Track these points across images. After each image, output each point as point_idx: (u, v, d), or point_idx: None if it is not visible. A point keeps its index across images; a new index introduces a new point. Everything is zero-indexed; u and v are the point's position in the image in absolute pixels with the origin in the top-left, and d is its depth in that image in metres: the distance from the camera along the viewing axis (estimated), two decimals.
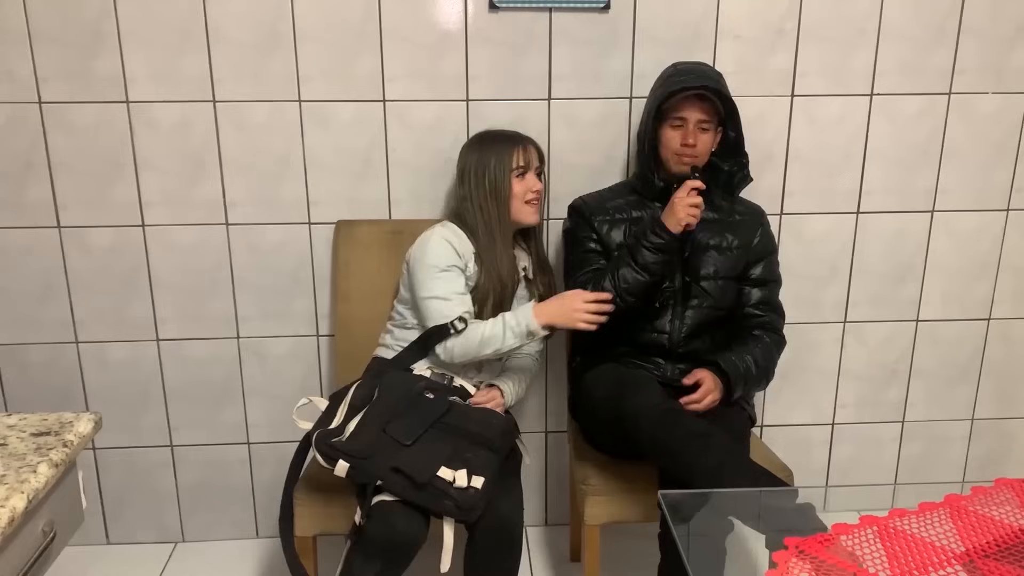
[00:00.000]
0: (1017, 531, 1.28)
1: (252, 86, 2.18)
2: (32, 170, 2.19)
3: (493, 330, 1.89)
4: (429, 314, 1.95)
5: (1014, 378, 2.57)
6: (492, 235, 2.01)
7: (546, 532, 2.54)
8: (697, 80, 1.96)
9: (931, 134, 2.34)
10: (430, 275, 1.95)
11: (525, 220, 2.04)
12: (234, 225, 2.27)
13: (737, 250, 2.07)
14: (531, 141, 2.06)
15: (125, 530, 2.48)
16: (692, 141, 1.97)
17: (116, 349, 2.33)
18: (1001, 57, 2.29)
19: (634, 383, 1.89)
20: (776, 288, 2.13)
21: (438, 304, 1.93)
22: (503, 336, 1.88)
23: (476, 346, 1.90)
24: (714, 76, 2.01)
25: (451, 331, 1.91)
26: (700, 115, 1.97)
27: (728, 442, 1.77)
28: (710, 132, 2.00)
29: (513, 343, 1.89)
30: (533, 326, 1.87)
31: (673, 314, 2.04)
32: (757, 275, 2.09)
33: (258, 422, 2.42)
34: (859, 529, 1.27)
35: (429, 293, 1.95)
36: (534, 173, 2.03)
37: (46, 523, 1.15)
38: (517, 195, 2.01)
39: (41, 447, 1.15)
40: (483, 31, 2.18)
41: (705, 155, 2.02)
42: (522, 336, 1.88)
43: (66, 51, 2.12)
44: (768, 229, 2.14)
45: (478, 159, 2.02)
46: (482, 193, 2.00)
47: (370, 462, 1.69)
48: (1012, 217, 2.42)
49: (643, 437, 1.78)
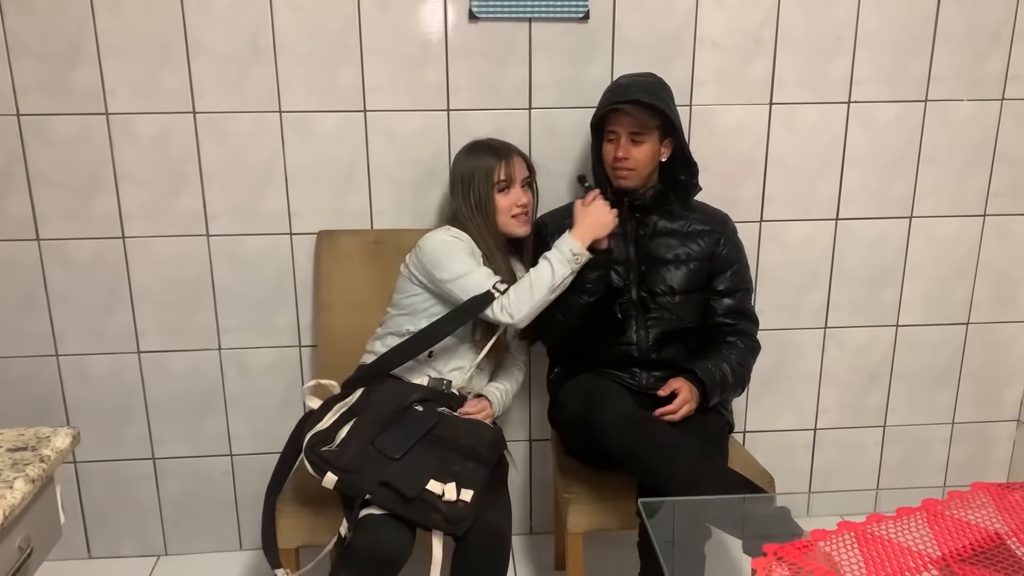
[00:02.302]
0: (992, 535, 1.29)
1: (233, 97, 2.17)
2: (11, 182, 2.18)
3: (538, 274, 1.88)
4: (467, 288, 1.90)
5: (993, 382, 2.59)
6: (487, 243, 2.01)
7: (531, 541, 2.54)
8: (626, 94, 1.96)
9: (908, 141, 2.37)
10: (452, 259, 1.93)
11: (513, 232, 2.04)
12: (215, 236, 2.26)
13: (697, 262, 2.06)
14: (518, 153, 2.05)
15: (107, 544, 2.46)
16: (622, 154, 1.97)
17: (97, 362, 2.32)
18: (976, 65, 2.32)
19: (603, 395, 1.89)
20: (746, 295, 2.13)
21: (474, 276, 1.91)
22: (551, 272, 1.87)
23: (530, 292, 1.87)
24: (648, 88, 1.98)
25: (494, 295, 1.89)
26: (631, 127, 1.96)
27: (698, 450, 1.78)
28: (647, 144, 1.97)
29: (564, 272, 1.87)
30: (575, 247, 1.87)
31: (637, 324, 2.04)
32: (724, 286, 2.09)
33: (241, 434, 2.41)
34: (837, 535, 1.28)
35: (461, 271, 1.91)
36: (520, 186, 2.03)
37: (23, 539, 1.14)
38: (502, 209, 2.01)
39: (18, 462, 1.14)
40: (463, 41, 2.19)
41: (645, 166, 2.00)
42: (570, 260, 1.87)
43: (45, 63, 2.11)
44: (733, 237, 2.12)
45: (464, 171, 2.02)
46: (469, 206, 2.01)
47: (358, 476, 1.68)
48: (989, 222, 2.45)
49: (614, 449, 1.79)
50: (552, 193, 2.24)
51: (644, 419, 1.83)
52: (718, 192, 2.30)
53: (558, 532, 2.39)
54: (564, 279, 1.88)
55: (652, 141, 1.98)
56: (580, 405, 1.92)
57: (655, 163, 2.02)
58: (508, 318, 1.88)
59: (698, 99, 2.27)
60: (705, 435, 1.90)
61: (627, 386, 2.03)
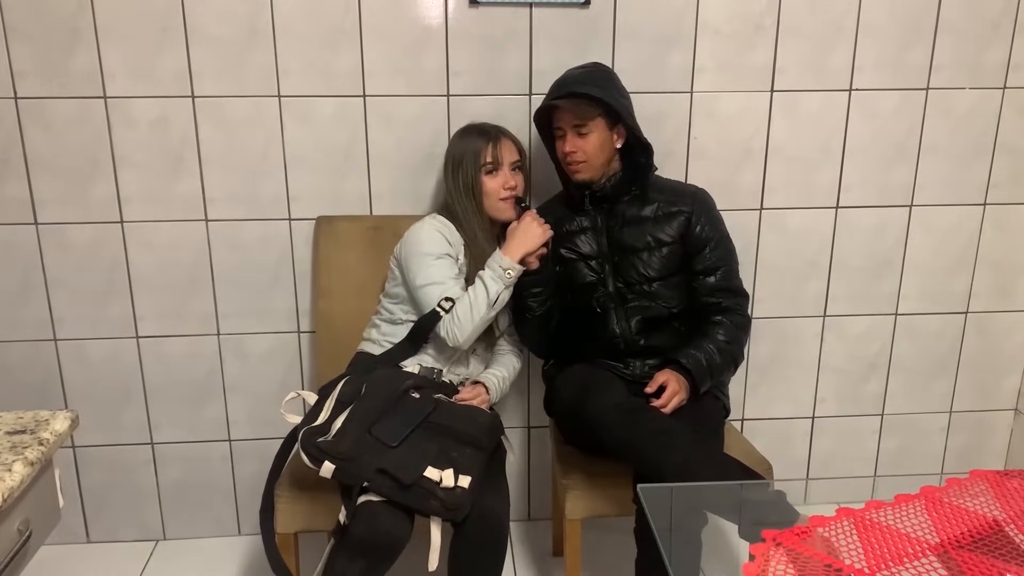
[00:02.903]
0: (991, 522, 1.29)
1: (231, 82, 2.16)
2: (9, 166, 2.17)
3: (475, 293, 1.91)
4: (426, 300, 1.94)
5: (991, 371, 2.59)
6: (473, 228, 2.01)
7: (528, 527, 2.54)
8: (560, 89, 1.97)
9: (909, 130, 2.36)
10: (424, 263, 1.95)
11: (501, 216, 2.04)
12: (213, 221, 2.26)
13: (669, 247, 2.03)
14: (507, 135, 2.05)
15: (105, 528, 2.47)
16: (569, 148, 1.98)
17: (95, 347, 2.32)
18: (978, 53, 2.31)
19: (595, 385, 1.89)
20: (729, 271, 2.07)
21: (433, 289, 1.93)
22: (486, 290, 1.90)
23: (468, 314, 1.90)
24: (584, 79, 1.96)
25: (441, 313, 1.91)
26: (573, 121, 1.96)
27: (692, 437, 1.78)
28: (594, 134, 1.96)
29: (499, 288, 1.90)
30: (505, 262, 1.91)
31: (617, 316, 2.04)
32: (704, 266, 2.04)
33: (239, 419, 2.41)
34: (836, 521, 1.28)
35: (425, 280, 1.94)
36: (508, 169, 2.03)
37: (21, 522, 1.14)
38: (490, 192, 2.01)
39: (16, 445, 1.14)
40: (463, 26, 2.18)
41: (596, 156, 1.98)
42: (502, 277, 1.91)
43: (42, 46, 2.10)
44: (707, 213, 2.06)
45: (455, 153, 2.03)
46: (458, 188, 2.01)
47: (356, 464, 1.67)
48: (989, 212, 2.44)
49: (607, 438, 1.80)
50: (552, 179, 2.23)
51: (637, 408, 1.83)
52: (717, 180, 2.30)
53: (556, 518, 2.40)
54: (499, 295, 1.92)
55: (598, 131, 1.97)
56: (573, 396, 1.92)
57: (608, 152, 2.00)
58: (453, 340, 1.92)
59: (699, 86, 2.26)
60: (700, 421, 1.90)
61: (621, 375, 2.02)
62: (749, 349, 2.48)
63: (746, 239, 2.39)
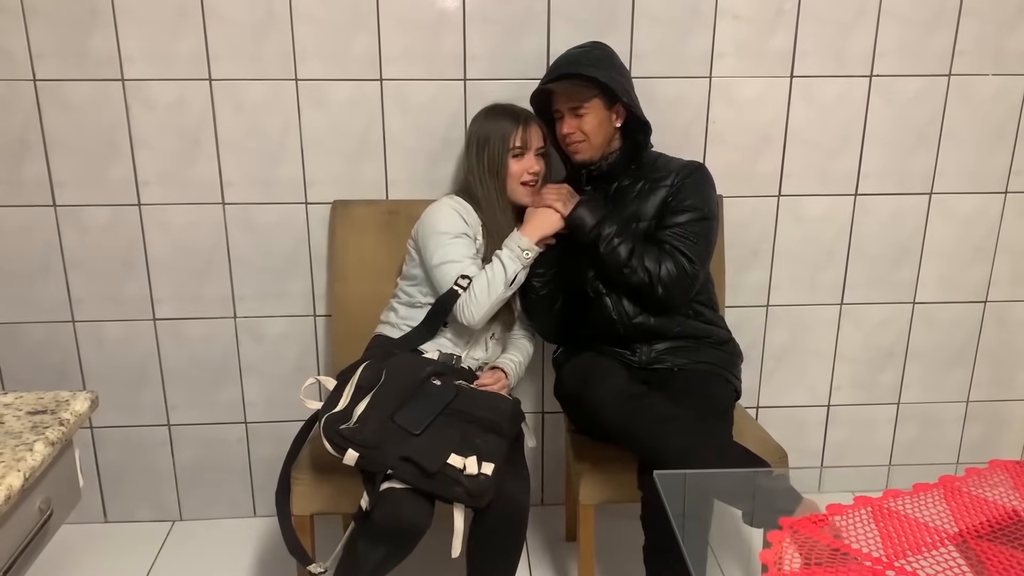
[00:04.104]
0: (1010, 512, 1.28)
1: (248, 65, 2.16)
2: (27, 148, 2.18)
3: (492, 271, 1.90)
4: (443, 279, 1.93)
5: (1009, 361, 2.57)
6: (493, 209, 2.01)
7: (542, 512, 2.55)
8: (553, 71, 1.96)
9: (930, 116, 2.33)
10: (441, 242, 1.95)
11: (520, 200, 2.03)
12: (230, 205, 2.26)
13: (648, 221, 1.98)
14: (535, 120, 2.04)
15: (123, 508, 2.49)
16: (567, 130, 1.97)
17: (113, 328, 2.33)
18: (1001, 39, 2.28)
19: (597, 373, 1.89)
20: (693, 244, 1.93)
21: (451, 268, 1.93)
22: (504, 268, 1.89)
23: (485, 293, 1.89)
24: (579, 59, 1.94)
25: (457, 292, 1.91)
26: (569, 103, 1.95)
27: (694, 423, 1.77)
28: (591, 114, 1.94)
29: (516, 267, 1.90)
30: (523, 243, 1.91)
31: (612, 301, 2.01)
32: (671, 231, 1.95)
33: (255, 401, 2.43)
34: (853, 509, 1.28)
35: (442, 259, 1.94)
36: (534, 154, 2.02)
37: (43, 501, 1.15)
38: (514, 175, 2.00)
39: (37, 425, 1.15)
40: (481, 10, 2.16)
41: (596, 136, 1.97)
42: (519, 257, 1.90)
43: (61, 28, 2.10)
44: (694, 185, 1.97)
45: (481, 132, 2.01)
46: (482, 168, 2.00)
47: (379, 451, 1.67)
48: (1010, 200, 2.42)
49: (609, 427, 1.81)
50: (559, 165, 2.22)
51: (637, 395, 1.82)
52: (735, 166, 2.29)
53: (569, 504, 2.40)
54: (517, 274, 1.91)
55: (596, 110, 1.95)
56: (575, 384, 1.93)
57: (607, 131, 1.99)
58: (468, 319, 1.91)
59: (718, 71, 2.24)
60: (708, 405, 1.89)
61: (628, 362, 2.02)
62: (765, 336, 2.47)
63: (764, 226, 2.37)
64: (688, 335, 2.02)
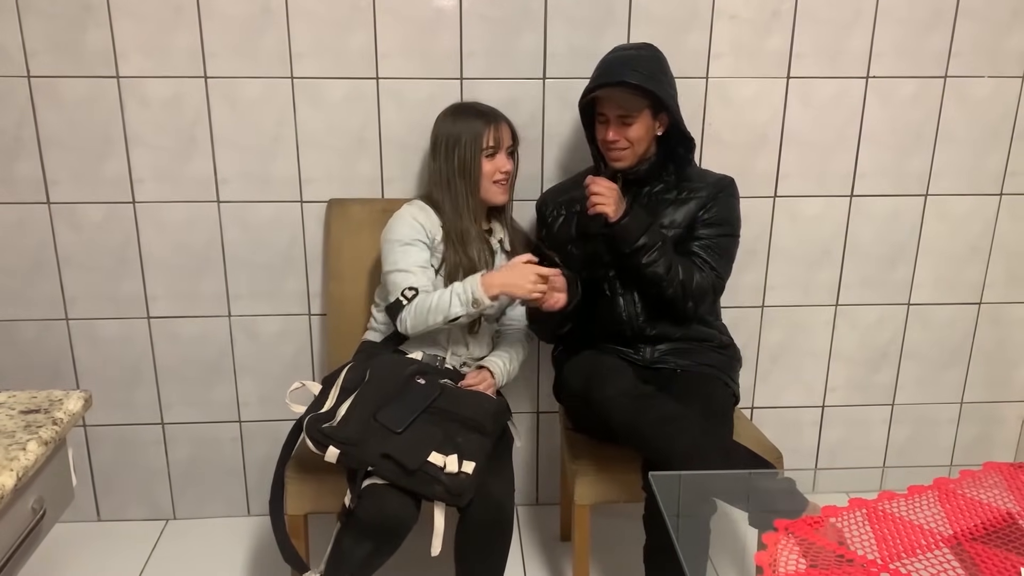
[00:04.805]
0: (1004, 514, 1.28)
1: (244, 62, 2.15)
2: (21, 145, 2.17)
3: (440, 298, 1.87)
4: (391, 287, 1.94)
5: (1004, 362, 2.58)
6: (458, 210, 1.99)
7: (537, 512, 2.55)
8: (612, 75, 1.89)
9: (926, 117, 2.34)
10: (392, 249, 1.96)
11: (492, 200, 2.03)
12: (225, 203, 2.26)
13: (679, 230, 1.98)
14: (504, 119, 2.03)
15: (116, 507, 2.48)
16: (612, 136, 1.93)
17: (107, 326, 2.32)
18: (997, 41, 2.29)
19: (604, 372, 1.88)
20: (720, 259, 1.99)
21: (399, 276, 1.93)
22: (449, 303, 1.86)
23: (424, 314, 1.88)
24: (637, 65, 1.90)
25: (402, 303, 1.90)
26: (619, 110, 1.91)
27: (700, 424, 1.77)
28: (638, 123, 1.91)
29: (459, 311, 1.85)
30: (479, 294, 1.84)
31: (625, 302, 2.01)
32: (700, 242, 1.98)
33: (249, 400, 2.42)
34: (848, 511, 1.28)
35: (391, 267, 1.95)
36: (505, 153, 2.01)
37: (36, 500, 1.15)
38: (486, 175, 1.99)
39: (30, 425, 1.15)
40: (477, 7, 2.16)
41: (639, 144, 1.94)
42: (468, 304, 1.85)
43: (55, 24, 2.09)
44: (725, 200, 2.01)
45: (450, 133, 2.00)
46: (451, 168, 1.99)
47: (360, 448, 1.68)
48: (1005, 201, 2.42)
49: (615, 425, 1.80)
50: (563, 165, 2.23)
51: (644, 395, 1.82)
52: (732, 166, 2.27)
53: (564, 504, 2.40)
54: (458, 316, 1.86)
55: (643, 120, 1.92)
56: (580, 383, 1.92)
57: (650, 139, 1.97)
58: (401, 328, 1.92)
59: (714, 71, 2.24)
60: (709, 407, 1.89)
61: (631, 361, 2.02)
62: (760, 336, 2.48)
63: (759, 226, 2.37)
64: (691, 338, 2.02)
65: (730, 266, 2.03)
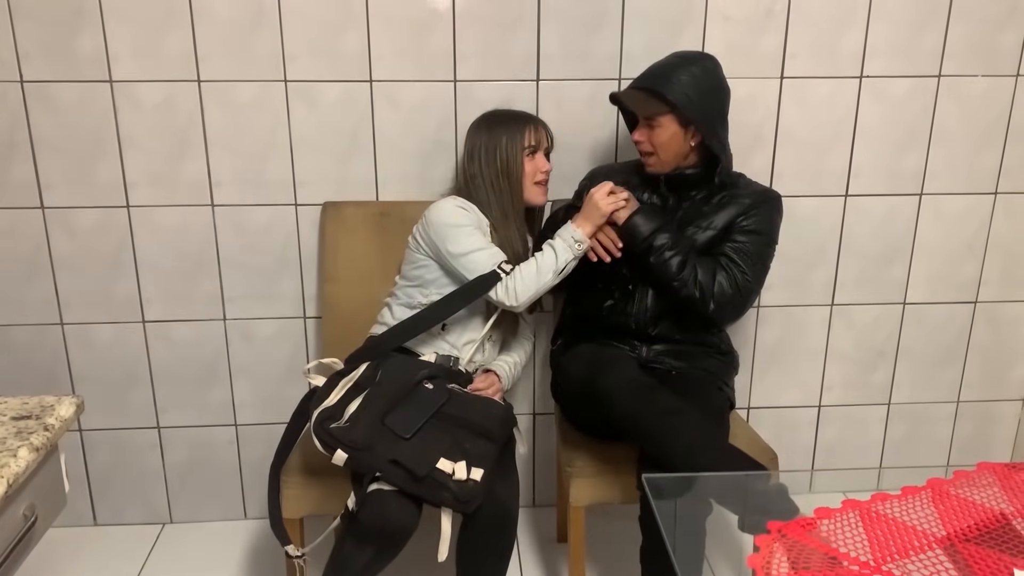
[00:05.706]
0: (998, 515, 1.28)
1: (237, 65, 2.15)
2: (14, 149, 2.16)
3: (542, 259, 1.88)
4: (472, 267, 1.90)
5: (999, 361, 2.58)
6: (505, 212, 1.99)
7: (533, 513, 2.55)
8: (637, 80, 1.95)
9: (920, 116, 2.34)
10: (462, 232, 1.93)
11: (534, 200, 2.03)
12: (220, 206, 2.25)
13: (713, 232, 1.97)
14: (541, 121, 2.04)
15: (112, 511, 2.48)
16: (637, 137, 1.96)
17: (101, 330, 2.32)
18: (991, 40, 2.28)
19: (608, 361, 1.88)
20: (751, 263, 1.95)
21: (481, 255, 1.91)
22: (555, 257, 1.88)
23: (535, 276, 1.87)
24: (658, 73, 1.91)
25: (500, 275, 1.89)
26: (643, 113, 1.93)
27: (700, 421, 1.77)
28: (661, 129, 1.91)
29: (567, 257, 1.88)
30: (577, 234, 1.88)
31: (639, 296, 2.01)
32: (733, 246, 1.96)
33: (245, 403, 2.42)
34: (841, 513, 1.28)
35: (468, 248, 1.91)
36: (543, 153, 2.03)
37: (27, 507, 1.14)
38: (528, 175, 2.00)
39: (22, 431, 1.14)
40: (471, 9, 2.16)
41: (664, 151, 1.94)
42: (572, 246, 1.88)
43: (47, 28, 2.09)
44: (767, 213, 1.99)
45: (488, 138, 2.00)
46: (493, 171, 1.99)
47: (369, 453, 1.67)
48: (1000, 200, 2.42)
49: (617, 414, 1.78)
50: (561, 165, 2.22)
51: (648, 386, 1.81)
52: None
53: (560, 505, 2.40)
54: (567, 264, 1.89)
55: (667, 126, 1.91)
56: (583, 371, 1.90)
57: (678, 147, 1.94)
58: (512, 300, 1.88)
59: None
60: (705, 409, 1.89)
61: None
62: (756, 336, 2.47)
63: None
64: (692, 342, 2.02)
65: (762, 274, 2.00)
